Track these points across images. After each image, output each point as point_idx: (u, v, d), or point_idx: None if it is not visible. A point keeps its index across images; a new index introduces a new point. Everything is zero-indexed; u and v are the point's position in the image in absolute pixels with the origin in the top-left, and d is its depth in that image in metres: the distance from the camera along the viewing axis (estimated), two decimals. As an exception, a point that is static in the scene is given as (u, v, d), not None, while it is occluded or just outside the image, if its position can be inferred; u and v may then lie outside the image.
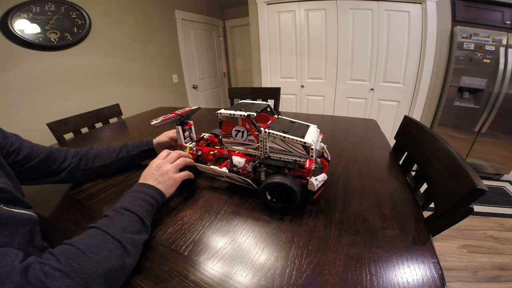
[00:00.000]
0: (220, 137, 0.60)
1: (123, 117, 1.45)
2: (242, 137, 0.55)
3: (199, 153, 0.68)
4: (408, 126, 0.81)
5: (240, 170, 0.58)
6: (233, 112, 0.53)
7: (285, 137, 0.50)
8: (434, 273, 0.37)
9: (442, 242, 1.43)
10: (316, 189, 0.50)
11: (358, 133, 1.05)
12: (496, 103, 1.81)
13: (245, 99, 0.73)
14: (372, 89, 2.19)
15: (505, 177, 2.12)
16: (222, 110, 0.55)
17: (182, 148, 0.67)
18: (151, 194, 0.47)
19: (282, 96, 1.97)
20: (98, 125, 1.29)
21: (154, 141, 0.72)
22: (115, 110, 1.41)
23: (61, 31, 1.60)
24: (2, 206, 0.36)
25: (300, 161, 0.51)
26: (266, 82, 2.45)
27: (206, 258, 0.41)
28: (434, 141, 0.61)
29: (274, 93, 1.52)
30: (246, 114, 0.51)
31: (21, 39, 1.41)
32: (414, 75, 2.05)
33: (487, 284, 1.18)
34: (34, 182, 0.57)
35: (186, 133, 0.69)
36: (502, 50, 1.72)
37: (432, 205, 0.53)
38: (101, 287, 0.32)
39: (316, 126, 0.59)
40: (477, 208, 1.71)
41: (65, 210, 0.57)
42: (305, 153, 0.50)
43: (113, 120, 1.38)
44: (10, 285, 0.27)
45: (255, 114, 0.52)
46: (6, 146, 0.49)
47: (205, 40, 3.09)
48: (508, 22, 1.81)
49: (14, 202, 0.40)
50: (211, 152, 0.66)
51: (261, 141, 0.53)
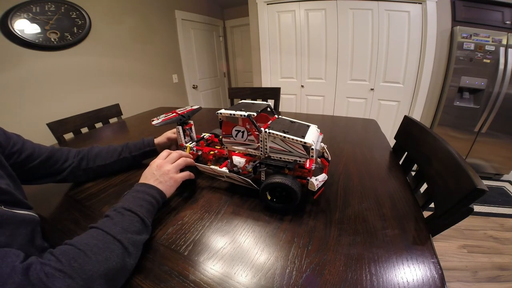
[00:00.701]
0: (220, 137, 0.60)
1: (123, 117, 1.45)
2: (243, 137, 0.55)
3: (199, 153, 0.68)
4: (408, 126, 0.81)
5: (240, 170, 0.58)
6: (233, 112, 0.53)
7: (285, 137, 0.50)
8: (434, 273, 0.37)
9: (442, 242, 1.43)
10: (316, 189, 0.50)
11: (358, 133, 1.05)
12: (496, 103, 1.81)
13: (245, 99, 0.73)
14: (372, 89, 2.19)
15: (505, 177, 2.12)
16: (223, 110, 0.55)
17: (182, 148, 0.67)
18: (152, 194, 0.47)
19: (282, 96, 1.97)
20: (98, 125, 1.29)
21: (155, 141, 0.73)
22: (115, 110, 1.41)
23: (61, 31, 1.60)
24: (2, 207, 0.36)
25: (300, 161, 0.51)
26: (266, 82, 2.45)
27: (206, 258, 0.41)
28: (434, 141, 0.61)
29: (274, 93, 1.52)
30: (246, 114, 0.51)
31: (21, 39, 1.41)
32: (414, 75, 2.05)
33: (487, 284, 1.18)
34: (35, 182, 0.57)
35: (186, 132, 0.69)
36: (502, 50, 1.72)
37: (432, 205, 0.53)
38: (102, 287, 0.32)
39: (316, 126, 0.59)
40: (477, 208, 1.71)
41: (65, 210, 0.57)
42: (305, 153, 0.50)
43: (113, 120, 1.38)
44: (11, 285, 0.26)
45: (255, 114, 0.52)
46: (8, 147, 0.49)
47: (205, 40, 3.09)
48: (508, 22, 1.81)
49: (16, 203, 0.40)
50: (211, 152, 0.66)
51: (261, 141, 0.53)
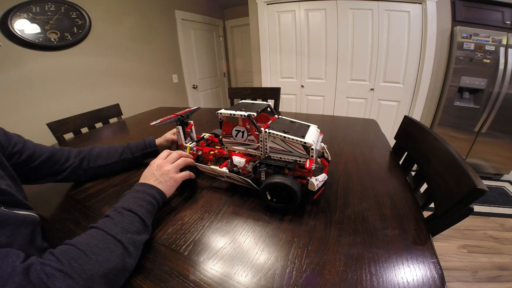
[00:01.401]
0: (220, 137, 0.60)
1: (123, 117, 1.45)
2: (243, 137, 0.55)
3: (200, 153, 0.68)
4: (408, 126, 0.81)
5: (240, 170, 0.58)
6: (233, 112, 0.53)
7: (285, 137, 0.50)
8: (434, 273, 0.37)
9: (442, 242, 1.43)
10: (316, 189, 0.50)
11: (358, 133, 1.05)
12: (496, 103, 1.81)
13: (245, 99, 0.73)
14: (372, 89, 2.19)
15: (505, 177, 2.12)
16: (223, 110, 0.55)
17: (183, 148, 0.67)
18: (152, 194, 0.47)
19: (282, 96, 1.97)
20: (98, 125, 1.29)
21: (157, 142, 0.73)
22: (115, 110, 1.41)
23: (61, 31, 1.60)
24: (3, 208, 0.36)
25: (300, 161, 0.51)
26: (266, 82, 2.45)
27: (206, 258, 0.41)
28: (434, 141, 0.61)
29: (274, 93, 1.52)
30: (246, 114, 0.51)
31: (21, 39, 1.41)
32: (414, 75, 2.05)
33: (487, 284, 1.18)
34: (36, 182, 0.57)
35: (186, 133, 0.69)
36: (502, 50, 1.72)
37: (432, 205, 0.53)
38: (102, 287, 0.32)
39: (316, 126, 0.59)
40: (477, 208, 1.71)
41: (65, 210, 0.57)
42: (305, 153, 0.50)
43: (113, 120, 1.38)
44: (12, 285, 0.26)
45: (256, 114, 0.52)
46: (9, 147, 0.49)
47: (205, 40, 3.09)
48: (508, 22, 1.81)
49: (16, 204, 0.40)
50: (212, 152, 0.66)
51: (261, 141, 0.53)
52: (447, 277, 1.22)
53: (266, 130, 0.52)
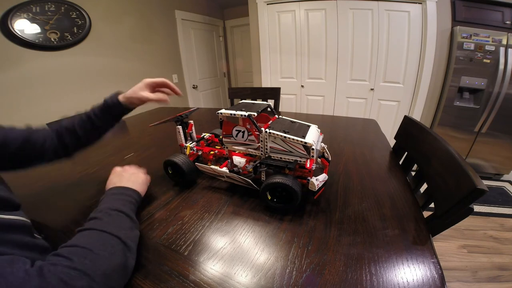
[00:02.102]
0: (220, 137, 0.60)
1: (123, 117, 1.45)
2: (243, 137, 0.55)
3: (200, 153, 0.68)
4: (408, 126, 0.81)
5: (240, 170, 0.58)
6: (234, 112, 0.53)
7: (285, 137, 0.50)
8: (434, 273, 0.37)
9: (442, 242, 1.43)
10: (317, 189, 0.50)
11: (358, 133, 1.05)
12: (496, 103, 1.81)
13: (245, 99, 0.73)
14: (372, 89, 2.19)
15: (505, 177, 2.12)
16: (223, 110, 0.55)
17: (183, 148, 0.67)
18: (129, 194, 0.49)
19: (282, 96, 1.96)
20: (98, 125, 1.29)
21: (121, 97, 0.62)
22: (115, 110, 1.40)
23: (61, 31, 1.60)
24: None
25: (300, 161, 0.51)
26: (266, 82, 2.45)
27: (206, 258, 0.41)
28: (434, 141, 0.61)
29: (274, 93, 1.52)
30: (247, 114, 0.51)
31: (21, 39, 1.41)
32: (414, 75, 2.05)
33: (487, 284, 1.18)
34: (22, 167, 0.53)
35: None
36: (502, 50, 1.72)
37: (432, 205, 0.53)
38: (116, 283, 0.32)
39: (316, 126, 0.59)
40: (477, 208, 1.71)
41: (65, 210, 0.57)
42: (305, 153, 0.50)
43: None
44: None
45: (256, 114, 0.52)
46: None
47: (205, 40, 3.09)
48: (508, 22, 1.81)
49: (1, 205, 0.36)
50: (212, 152, 0.66)
51: (261, 141, 0.53)
52: (447, 277, 1.22)
53: (267, 130, 0.52)
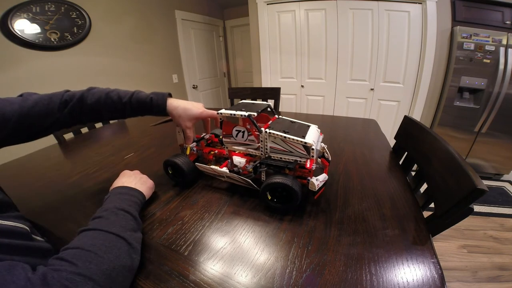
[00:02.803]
0: (220, 137, 0.60)
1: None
2: (243, 137, 0.55)
3: (200, 153, 0.68)
4: (408, 126, 0.81)
5: (240, 170, 0.58)
6: (234, 112, 0.53)
7: (285, 137, 0.50)
8: (434, 273, 0.37)
9: (442, 242, 1.43)
10: (317, 189, 0.50)
11: (358, 133, 1.05)
12: (496, 103, 1.81)
13: (245, 99, 0.73)
14: (372, 89, 2.19)
15: (505, 177, 2.12)
16: (223, 110, 0.55)
17: (183, 148, 0.67)
18: (135, 195, 0.50)
19: (282, 96, 1.96)
20: (98, 125, 1.29)
21: (170, 105, 0.61)
22: (115, 110, 1.40)
23: (61, 31, 1.60)
24: None
25: (301, 161, 0.51)
26: (266, 82, 2.45)
27: (206, 258, 0.41)
28: (434, 141, 0.61)
29: (274, 93, 1.52)
30: (247, 114, 0.51)
31: (21, 39, 1.41)
32: (414, 75, 2.05)
33: (487, 284, 1.18)
34: (26, 141, 0.50)
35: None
36: (502, 50, 1.72)
37: (432, 205, 0.53)
38: (121, 285, 0.32)
39: (316, 126, 0.59)
40: (477, 208, 1.71)
41: (64, 210, 0.57)
42: (305, 153, 0.50)
43: (113, 120, 1.38)
44: None
45: (256, 114, 0.52)
46: None
47: (205, 40, 3.09)
48: (508, 22, 1.81)
49: None
50: (212, 152, 0.66)
51: (261, 141, 0.53)
52: (447, 277, 1.22)
53: (267, 130, 0.52)
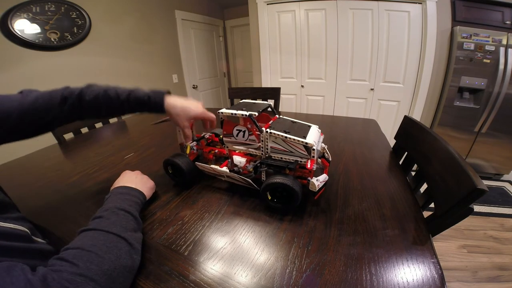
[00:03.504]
0: (221, 136, 0.60)
1: (123, 117, 1.45)
2: (243, 136, 0.55)
3: (200, 152, 0.68)
4: (408, 126, 0.81)
5: (240, 170, 0.58)
6: (234, 111, 0.53)
7: (286, 137, 0.50)
8: (434, 273, 0.37)
9: (442, 242, 1.43)
10: (317, 189, 0.50)
11: (358, 133, 1.05)
12: (496, 103, 1.81)
13: (245, 99, 0.73)
14: (372, 89, 2.19)
15: (505, 177, 2.12)
16: (224, 110, 0.55)
17: (183, 147, 0.67)
18: (136, 195, 0.50)
19: (282, 96, 1.96)
20: (98, 125, 1.29)
21: (168, 103, 0.55)
22: (115, 110, 1.40)
23: (61, 31, 1.60)
24: None
25: (301, 161, 0.51)
26: (266, 82, 2.45)
27: (206, 258, 0.41)
28: (434, 141, 0.61)
29: (274, 93, 1.52)
30: (247, 113, 0.51)
31: (21, 39, 1.41)
32: (414, 75, 2.05)
33: (487, 284, 1.18)
34: (26, 138, 0.49)
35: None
36: (502, 50, 1.72)
37: (432, 205, 0.53)
38: (122, 285, 0.32)
39: (317, 126, 0.59)
40: (477, 208, 1.71)
41: (64, 210, 0.57)
42: (306, 153, 0.50)
43: (113, 120, 1.38)
44: None
45: (257, 113, 0.52)
46: None
47: (205, 40, 3.09)
48: (508, 22, 1.81)
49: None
50: (212, 151, 0.66)
51: (262, 141, 0.53)
52: (447, 277, 1.22)
53: (268, 130, 0.52)
